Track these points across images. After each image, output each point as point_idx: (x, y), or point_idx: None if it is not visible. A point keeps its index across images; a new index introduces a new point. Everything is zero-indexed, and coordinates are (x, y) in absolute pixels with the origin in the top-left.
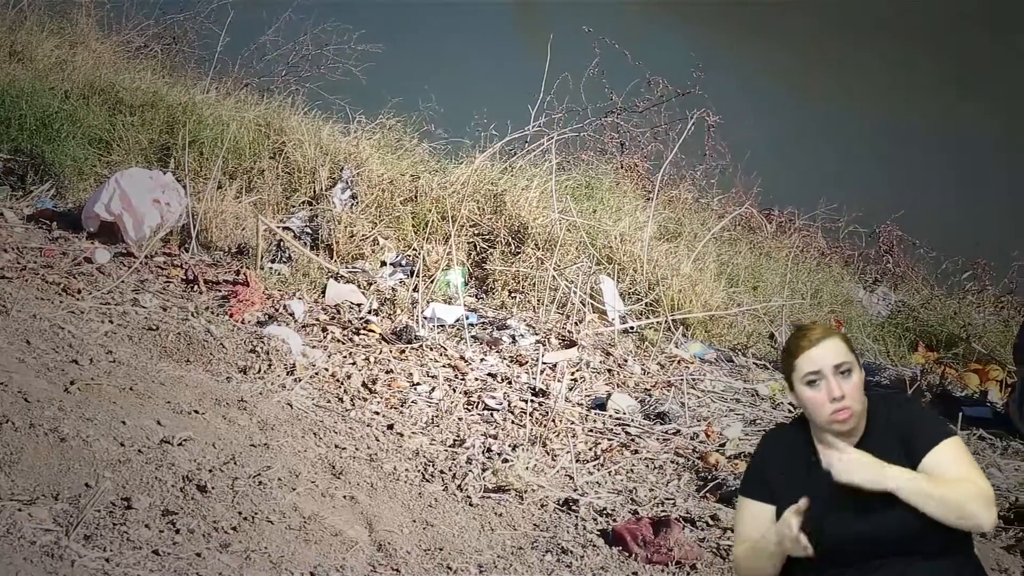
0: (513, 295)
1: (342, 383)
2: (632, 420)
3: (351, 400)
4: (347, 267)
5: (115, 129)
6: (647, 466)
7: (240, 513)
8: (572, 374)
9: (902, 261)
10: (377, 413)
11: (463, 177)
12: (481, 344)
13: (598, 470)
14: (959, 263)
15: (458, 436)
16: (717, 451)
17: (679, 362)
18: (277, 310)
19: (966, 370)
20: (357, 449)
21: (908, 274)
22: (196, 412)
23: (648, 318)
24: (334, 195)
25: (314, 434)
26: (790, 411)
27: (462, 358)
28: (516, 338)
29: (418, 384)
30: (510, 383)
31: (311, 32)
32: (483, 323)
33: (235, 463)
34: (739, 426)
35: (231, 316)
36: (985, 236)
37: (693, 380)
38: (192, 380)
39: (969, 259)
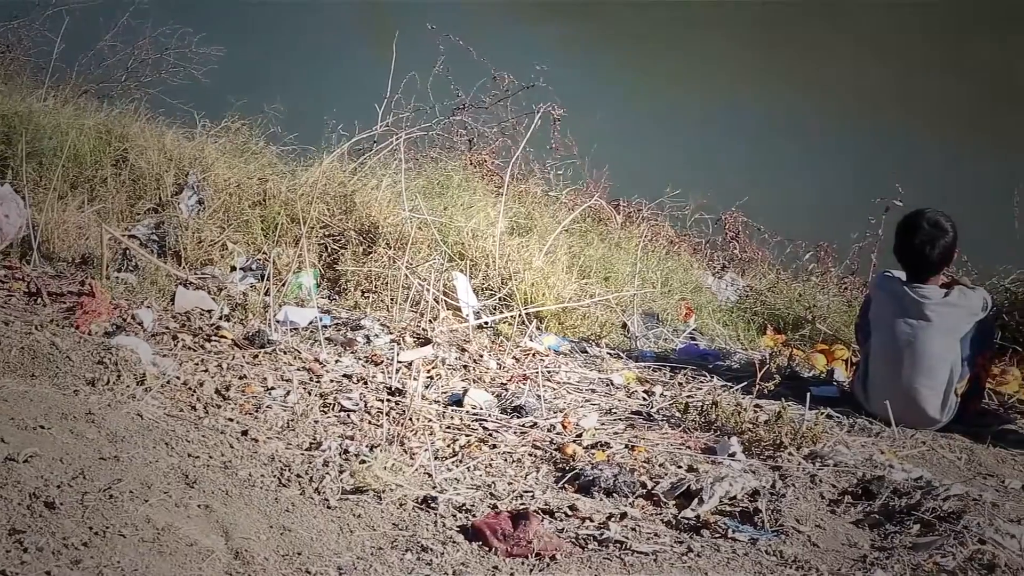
0: (366, 295)
1: (194, 391)
2: (489, 415)
3: (204, 408)
4: (196, 273)
5: None
6: (505, 460)
7: (91, 528)
8: (428, 372)
9: (748, 247)
10: (231, 420)
11: (312, 179)
12: (335, 345)
13: (456, 466)
14: (803, 247)
15: (314, 439)
16: (574, 442)
17: (534, 355)
18: (125, 320)
19: (813, 351)
20: (211, 457)
21: (754, 259)
22: (42, 427)
23: (502, 313)
24: (180, 201)
25: (166, 444)
26: (644, 399)
27: (316, 360)
28: (371, 338)
29: (272, 388)
30: (366, 383)
31: (150, 36)
32: (337, 324)
33: (84, 477)
34: (595, 416)
35: (77, 328)
36: (826, 219)
37: (548, 372)
38: (37, 395)
39: (812, 242)
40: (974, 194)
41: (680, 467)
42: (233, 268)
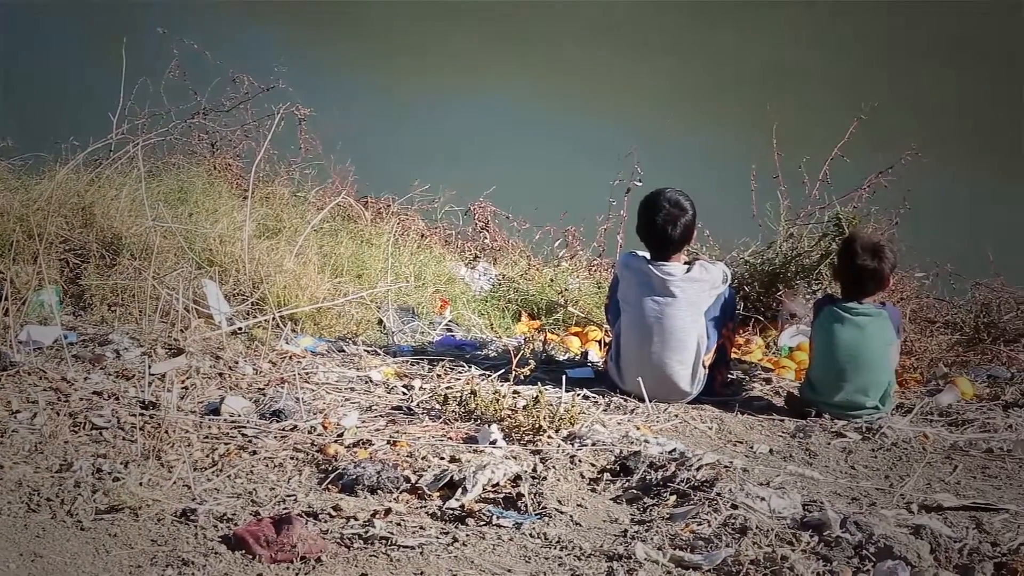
0: (113, 309)
1: None
2: (248, 421)
3: None
4: None
5: None
6: (267, 465)
7: None
8: (182, 382)
9: (498, 236)
10: None
11: (47, 192)
12: (83, 362)
13: (216, 476)
14: (551, 232)
15: (65, 460)
16: (335, 442)
17: (291, 357)
18: None
19: (567, 334)
20: None
21: (505, 247)
22: None
23: (255, 317)
24: None
25: None
26: (404, 393)
27: (64, 379)
28: (120, 352)
29: (18, 412)
30: (118, 399)
31: None
32: (84, 340)
33: None
34: (356, 414)
35: None
36: (572, 204)
37: (306, 374)
38: None
39: (560, 228)
40: (711, 171)
41: (443, 458)
42: None
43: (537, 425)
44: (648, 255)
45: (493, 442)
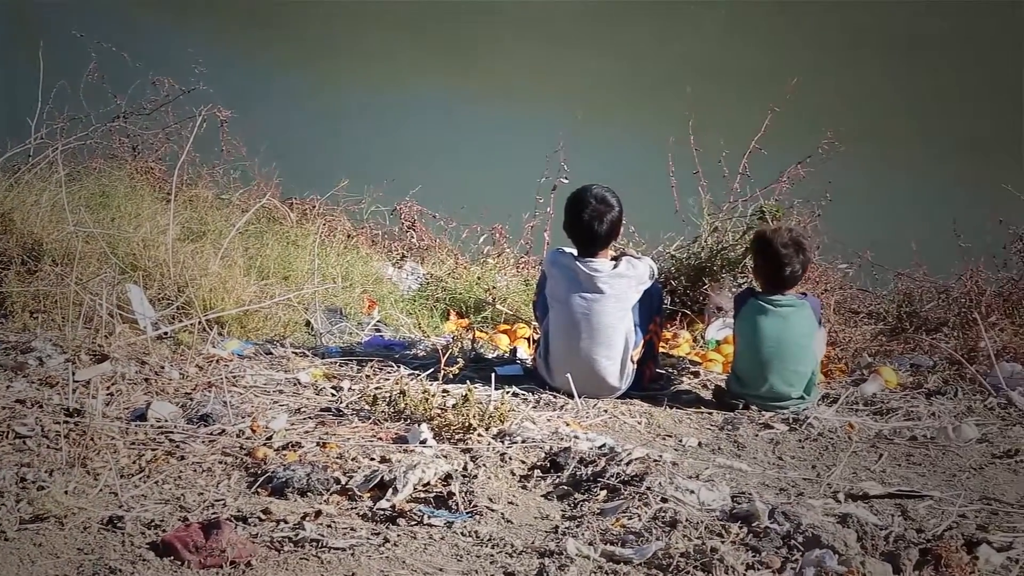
0: (35, 315)
1: None
2: (175, 426)
3: None
4: None
5: None
6: (195, 470)
7: None
8: (107, 388)
9: (425, 235)
10: None
11: None
12: (5, 370)
13: (144, 482)
14: (478, 230)
15: None
16: (264, 445)
17: (218, 361)
18: None
19: (496, 332)
20: None
21: (432, 246)
22: None
23: (181, 321)
24: None
25: None
26: (333, 395)
27: None
28: (43, 359)
29: None
30: (41, 407)
31: None
32: (5, 348)
33: None
34: (284, 417)
35: None
36: (498, 201)
37: (234, 377)
38: None
39: (487, 225)
40: (637, 167)
41: (373, 459)
42: None
43: (467, 423)
44: (575, 251)
45: (423, 441)
